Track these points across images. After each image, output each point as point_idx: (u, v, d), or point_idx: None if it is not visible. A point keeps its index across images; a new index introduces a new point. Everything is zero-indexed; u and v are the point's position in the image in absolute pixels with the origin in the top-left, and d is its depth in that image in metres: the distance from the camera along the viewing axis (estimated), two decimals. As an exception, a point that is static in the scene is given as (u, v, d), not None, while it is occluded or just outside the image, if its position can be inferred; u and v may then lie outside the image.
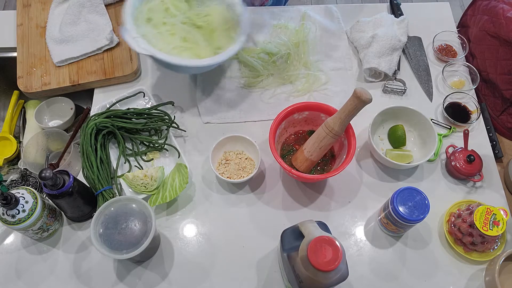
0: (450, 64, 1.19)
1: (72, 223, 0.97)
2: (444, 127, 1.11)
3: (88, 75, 1.12)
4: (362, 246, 0.96)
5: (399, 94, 1.16)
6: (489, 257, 0.92)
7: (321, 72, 1.17)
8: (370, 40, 1.17)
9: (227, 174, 1.00)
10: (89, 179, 0.97)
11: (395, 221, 0.88)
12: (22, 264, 0.92)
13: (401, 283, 0.92)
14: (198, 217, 0.98)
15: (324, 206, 1.00)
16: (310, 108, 0.99)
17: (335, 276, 0.71)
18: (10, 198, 0.81)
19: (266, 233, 0.96)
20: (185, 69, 1.02)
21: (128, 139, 1.05)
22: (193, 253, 0.94)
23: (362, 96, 0.83)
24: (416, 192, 0.86)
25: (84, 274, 0.91)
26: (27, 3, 1.22)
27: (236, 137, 1.03)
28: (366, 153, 1.07)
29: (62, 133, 1.09)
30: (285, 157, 1.02)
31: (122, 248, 0.81)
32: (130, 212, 0.84)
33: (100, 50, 1.15)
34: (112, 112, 1.03)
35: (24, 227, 0.85)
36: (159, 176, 0.96)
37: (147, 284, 0.91)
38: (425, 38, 1.25)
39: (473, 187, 1.03)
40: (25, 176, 1.10)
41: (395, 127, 1.07)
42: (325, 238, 0.69)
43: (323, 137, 0.92)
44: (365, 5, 1.34)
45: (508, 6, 1.11)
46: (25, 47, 1.16)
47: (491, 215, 0.88)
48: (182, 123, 1.09)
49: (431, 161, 1.06)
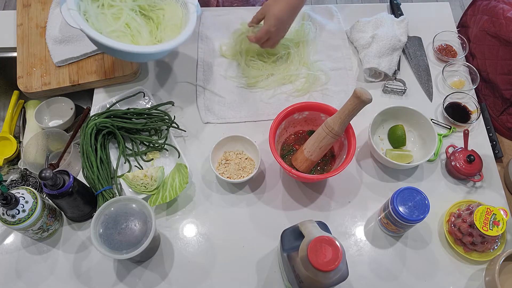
0: (450, 64, 1.19)
1: (72, 223, 0.97)
2: (444, 127, 1.11)
3: (88, 75, 1.12)
4: (362, 246, 0.96)
5: (399, 94, 1.16)
6: (489, 257, 0.92)
7: (321, 72, 1.17)
8: (370, 40, 1.17)
9: (227, 174, 1.00)
10: (89, 179, 0.97)
11: (395, 221, 0.88)
12: (22, 264, 0.92)
13: (401, 283, 0.92)
14: (198, 217, 0.98)
15: (324, 206, 1.00)
16: (310, 108, 0.99)
17: (335, 276, 0.71)
18: (10, 198, 0.81)
19: (266, 233, 0.96)
20: (115, 52, 0.96)
21: (128, 139, 1.05)
22: (193, 253, 0.94)
23: (362, 96, 0.83)
24: (416, 192, 0.86)
25: (84, 274, 0.91)
26: (27, 3, 1.22)
27: (236, 137, 1.03)
28: (366, 153, 1.07)
29: (62, 133, 1.09)
30: (285, 157, 1.02)
31: (122, 248, 0.81)
32: (130, 212, 0.84)
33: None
34: (112, 112, 1.03)
35: (24, 227, 0.85)
36: (159, 176, 0.96)
37: (147, 284, 0.91)
38: (425, 38, 1.25)
39: (473, 187, 1.03)
40: (25, 176, 1.10)
41: (395, 127, 1.07)
42: (325, 238, 0.69)
43: (323, 137, 0.92)
44: (365, 5, 1.34)
45: (508, 6, 1.11)
46: (25, 47, 1.16)
47: (491, 215, 0.88)
48: (182, 123, 1.10)
49: (431, 161, 1.06)
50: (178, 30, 1.01)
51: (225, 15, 1.28)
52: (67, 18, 0.90)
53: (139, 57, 1.02)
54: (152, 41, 1.00)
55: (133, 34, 0.99)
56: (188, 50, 1.21)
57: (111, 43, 0.90)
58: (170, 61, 1.20)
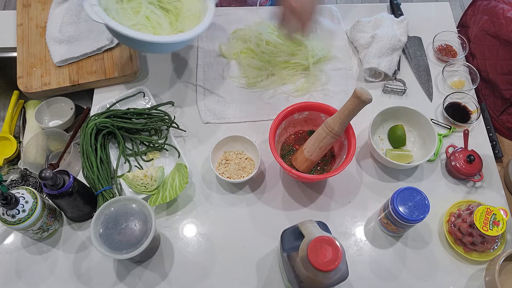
0: (450, 64, 1.19)
1: (72, 223, 0.97)
2: (444, 127, 1.11)
3: (88, 75, 1.12)
4: (362, 246, 0.96)
5: (399, 94, 1.16)
6: (489, 257, 0.92)
7: (321, 72, 1.17)
8: (370, 40, 1.17)
9: (227, 174, 1.00)
10: (89, 179, 0.97)
11: (395, 221, 0.88)
12: (22, 264, 0.92)
13: (401, 283, 0.92)
14: (198, 217, 0.98)
15: (324, 206, 1.00)
16: (310, 108, 0.99)
17: (335, 276, 0.71)
18: (10, 198, 0.81)
19: (266, 233, 0.96)
20: (140, 44, 0.98)
21: (128, 139, 1.05)
22: (193, 253, 0.94)
23: (362, 96, 0.83)
24: (416, 192, 0.86)
25: (84, 274, 0.91)
26: (27, 3, 1.22)
27: (236, 137, 1.03)
28: (366, 153, 1.07)
29: (62, 133, 1.09)
30: (285, 157, 1.02)
31: (122, 248, 0.81)
32: (130, 212, 0.84)
33: (100, 50, 1.14)
34: (112, 112, 1.03)
35: (24, 227, 0.85)
36: (159, 176, 0.96)
37: (147, 284, 0.91)
38: (425, 38, 1.25)
39: (473, 187, 1.03)
40: (25, 176, 1.10)
41: (395, 127, 1.07)
42: (325, 238, 0.69)
43: (323, 137, 0.92)
44: (365, 5, 1.34)
45: (508, 6, 1.11)
46: (25, 47, 1.16)
47: (491, 215, 0.88)
48: (182, 123, 1.09)
49: (431, 161, 1.06)
50: (197, 19, 1.03)
51: (224, 15, 1.28)
52: (90, 13, 0.91)
53: (163, 48, 1.03)
54: (173, 31, 1.02)
55: (154, 26, 1.01)
56: (188, 50, 1.21)
57: (138, 35, 0.92)
58: (170, 61, 1.20)
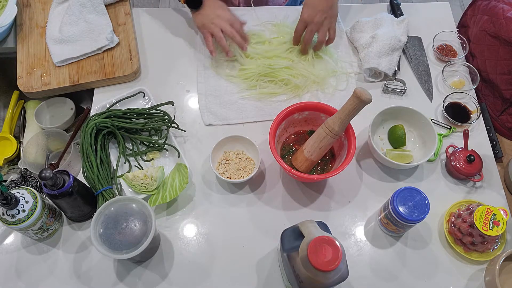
0: (450, 64, 1.19)
1: (72, 223, 0.97)
2: (444, 127, 1.11)
3: (88, 75, 1.12)
4: (362, 246, 0.96)
5: (399, 94, 1.16)
6: (489, 257, 0.92)
7: (321, 72, 1.17)
8: (370, 40, 1.17)
9: (227, 174, 1.00)
10: (89, 179, 0.97)
11: (395, 221, 0.88)
12: (22, 264, 0.92)
13: (401, 283, 0.92)
14: (198, 217, 0.98)
15: (324, 206, 1.00)
16: (310, 108, 0.99)
17: (335, 276, 0.71)
18: (10, 198, 0.81)
19: (266, 233, 0.96)
20: None
21: (128, 139, 1.05)
22: (193, 253, 0.94)
23: (362, 96, 0.83)
24: (416, 192, 0.86)
25: (84, 274, 0.91)
26: (27, 3, 1.22)
27: (236, 137, 1.03)
28: (366, 153, 1.07)
29: (62, 133, 1.09)
30: (285, 157, 1.02)
31: (122, 248, 0.81)
32: (130, 212, 0.84)
33: (100, 50, 1.14)
34: (112, 112, 1.03)
35: (24, 227, 0.85)
36: (159, 176, 0.96)
37: (147, 284, 0.91)
38: (425, 38, 1.25)
39: (473, 187, 1.03)
40: (25, 176, 1.10)
41: (395, 127, 1.07)
42: (325, 238, 0.69)
43: (323, 137, 0.92)
44: (365, 5, 1.34)
45: (508, 6, 1.11)
46: (25, 47, 1.16)
47: (491, 215, 0.88)
48: (182, 123, 1.09)
49: (431, 161, 1.06)
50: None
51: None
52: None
53: None
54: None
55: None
56: (188, 50, 1.21)
57: None
58: (170, 61, 1.20)
